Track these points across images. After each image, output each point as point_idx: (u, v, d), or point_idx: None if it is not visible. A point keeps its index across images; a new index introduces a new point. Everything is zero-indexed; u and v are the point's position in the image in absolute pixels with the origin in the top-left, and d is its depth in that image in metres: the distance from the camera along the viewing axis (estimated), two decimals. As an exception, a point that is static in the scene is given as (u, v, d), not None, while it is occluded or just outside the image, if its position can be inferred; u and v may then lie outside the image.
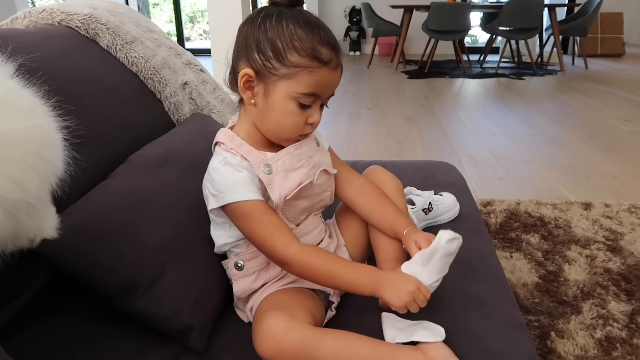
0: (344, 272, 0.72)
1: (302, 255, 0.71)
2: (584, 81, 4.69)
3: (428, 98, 4.05)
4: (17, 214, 0.44)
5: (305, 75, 0.70)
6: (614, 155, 2.53)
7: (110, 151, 0.87)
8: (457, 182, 1.28)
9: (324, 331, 0.68)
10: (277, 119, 0.74)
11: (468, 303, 0.79)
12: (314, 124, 0.75)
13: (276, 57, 0.70)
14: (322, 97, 0.74)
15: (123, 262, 0.69)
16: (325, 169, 0.81)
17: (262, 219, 0.72)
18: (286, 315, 0.67)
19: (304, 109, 0.73)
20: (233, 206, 0.72)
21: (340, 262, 0.74)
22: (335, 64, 0.73)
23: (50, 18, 1.01)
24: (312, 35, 0.70)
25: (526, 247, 1.57)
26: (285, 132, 0.76)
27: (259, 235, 0.73)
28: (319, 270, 0.72)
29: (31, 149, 0.44)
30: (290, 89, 0.71)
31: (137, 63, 1.06)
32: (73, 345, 0.70)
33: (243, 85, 0.74)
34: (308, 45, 0.70)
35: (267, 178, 0.74)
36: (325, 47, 0.71)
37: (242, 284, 0.79)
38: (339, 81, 0.75)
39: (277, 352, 0.64)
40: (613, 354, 1.10)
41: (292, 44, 0.70)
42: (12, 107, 0.45)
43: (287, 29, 0.70)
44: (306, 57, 0.70)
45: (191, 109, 1.18)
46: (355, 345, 0.67)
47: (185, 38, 7.44)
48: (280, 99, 0.72)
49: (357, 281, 0.72)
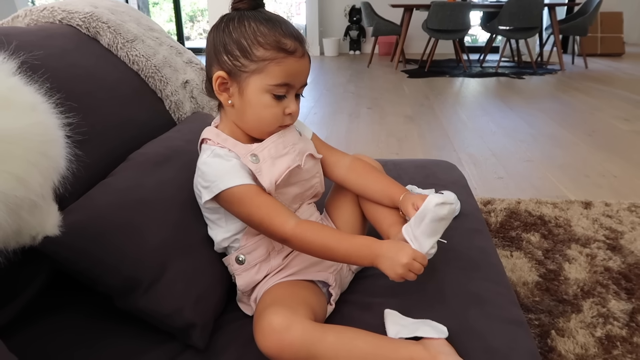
0: (341, 245, 0.73)
1: (300, 230, 0.73)
2: (583, 80, 4.69)
3: (428, 97, 4.05)
4: (19, 211, 0.44)
5: (273, 66, 0.74)
6: (614, 155, 2.53)
7: (111, 149, 0.87)
8: (458, 180, 1.28)
9: (325, 327, 0.69)
10: (254, 114, 0.77)
11: (469, 301, 0.79)
12: (292, 114, 0.78)
13: (244, 55, 0.74)
14: (295, 87, 0.77)
15: (124, 260, 0.69)
16: (311, 154, 0.84)
17: (257, 200, 0.74)
18: (287, 311, 0.67)
19: (279, 100, 0.76)
20: (226, 193, 0.74)
21: (336, 235, 0.76)
22: (301, 53, 0.76)
23: (52, 16, 1.01)
24: (274, 29, 0.74)
25: (526, 245, 1.57)
26: (265, 125, 0.78)
27: (256, 217, 0.74)
28: (317, 244, 0.73)
29: (33, 146, 0.44)
30: (262, 82, 0.75)
31: (138, 62, 1.07)
32: (74, 343, 0.70)
33: (218, 87, 0.78)
34: (271, 38, 0.74)
35: (256, 167, 0.76)
36: (288, 38, 0.74)
37: (244, 277, 0.79)
38: (309, 70, 0.79)
39: (279, 347, 0.65)
40: (613, 352, 1.10)
41: (256, 40, 0.74)
42: (14, 104, 0.45)
43: (249, 28, 0.75)
44: (271, 49, 0.74)
45: (192, 107, 1.18)
46: (356, 341, 0.67)
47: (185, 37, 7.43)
48: (255, 93, 0.76)
49: (354, 253, 0.73)
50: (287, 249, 0.81)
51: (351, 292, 0.86)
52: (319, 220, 0.89)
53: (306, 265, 0.80)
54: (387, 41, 6.66)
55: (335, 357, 0.65)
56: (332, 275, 0.82)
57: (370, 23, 5.62)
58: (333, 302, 0.81)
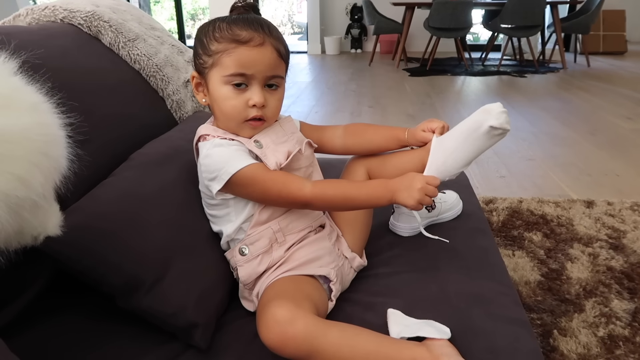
0: (360, 192, 0.76)
1: (318, 190, 0.75)
2: (586, 79, 4.67)
3: (430, 96, 4.05)
4: (20, 211, 0.44)
5: (225, 57, 0.76)
6: (617, 153, 2.53)
7: (113, 149, 0.87)
8: (460, 179, 1.27)
9: (329, 322, 0.69)
10: (219, 107, 0.79)
11: (472, 301, 0.79)
12: (256, 104, 0.78)
13: (204, 52, 0.78)
14: (255, 76, 0.77)
15: (127, 259, 0.69)
16: (309, 142, 0.87)
17: (269, 175, 0.76)
18: (291, 304, 0.67)
19: (240, 91, 0.77)
20: (237, 176, 0.75)
21: (352, 184, 0.80)
22: (258, 42, 0.76)
23: (53, 15, 1.01)
24: (234, 24, 0.77)
25: (528, 245, 1.57)
26: (231, 119, 0.79)
27: (273, 191, 0.76)
28: (337, 197, 0.76)
29: (35, 146, 0.44)
30: (218, 75, 0.77)
31: (139, 61, 1.06)
32: (76, 343, 0.70)
33: (195, 88, 0.83)
34: (226, 32, 0.76)
35: (260, 151, 0.78)
36: (245, 30, 0.76)
37: (247, 269, 0.79)
38: (272, 60, 0.78)
39: (282, 340, 0.65)
40: (616, 352, 1.10)
41: (213, 35, 0.77)
42: (15, 103, 0.45)
43: (211, 25, 0.79)
44: (224, 42, 0.76)
45: (193, 107, 1.18)
46: (359, 338, 0.67)
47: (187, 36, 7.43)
48: (215, 87, 0.78)
49: (373, 195, 0.76)
50: (289, 241, 0.81)
51: (353, 291, 0.86)
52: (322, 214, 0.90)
53: (307, 260, 0.80)
54: (388, 39, 6.65)
55: (338, 352, 0.65)
56: (333, 270, 0.82)
57: (371, 21, 5.61)
58: (334, 298, 0.81)
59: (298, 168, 0.84)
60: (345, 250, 0.88)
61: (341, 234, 0.90)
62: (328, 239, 0.85)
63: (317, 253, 0.81)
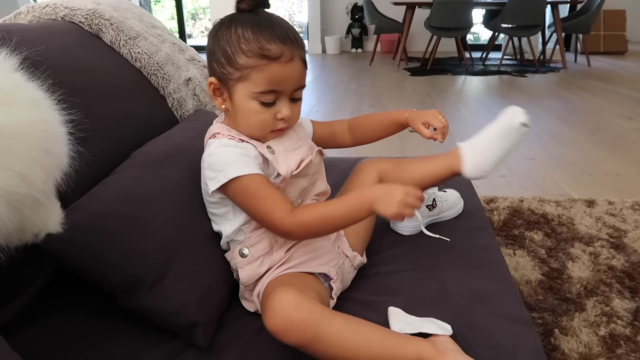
0: (338, 210, 0.73)
1: (296, 219, 0.73)
2: (586, 79, 4.67)
3: (430, 95, 4.04)
4: (21, 208, 0.44)
5: (256, 74, 0.74)
6: (617, 153, 2.52)
7: (114, 147, 0.86)
8: (461, 178, 1.27)
9: (333, 311, 0.69)
10: (244, 119, 0.78)
11: (473, 299, 0.79)
12: (284, 118, 0.77)
13: (229, 63, 0.75)
14: (285, 92, 0.76)
15: (128, 258, 0.69)
16: (320, 150, 0.86)
17: (262, 191, 0.74)
18: (296, 290, 0.67)
19: (268, 106, 0.76)
20: (233, 182, 0.74)
21: (328, 204, 0.76)
22: (288, 58, 0.74)
23: (54, 13, 1.01)
24: (259, 34, 0.73)
25: (529, 244, 1.56)
26: (255, 130, 0.79)
27: (259, 211, 0.74)
28: (317, 221, 0.73)
29: (36, 143, 0.44)
30: (247, 90, 0.75)
31: (140, 59, 1.06)
32: (76, 342, 0.70)
33: (213, 93, 0.80)
34: (254, 45, 0.73)
35: (272, 157, 0.78)
36: (273, 43, 0.73)
37: (247, 270, 0.79)
38: (301, 73, 0.77)
39: (286, 325, 0.64)
40: (617, 351, 1.10)
41: (239, 47, 0.74)
42: (16, 100, 0.44)
43: (234, 34, 0.75)
44: (253, 57, 0.73)
45: (194, 105, 1.18)
46: (364, 329, 0.67)
47: (187, 35, 7.43)
48: (242, 100, 0.76)
49: (352, 211, 0.73)
50: (290, 242, 0.80)
51: (354, 289, 0.85)
52: None
53: (308, 258, 0.80)
54: (389, 39, 6.64)
55: (341, 341, 0.65)
56: (333, 269, 0.82)
57: (372, 21, 5.60)
58: (334, 295, 0.81)
59: (305, 175, 0.83)
60: (347, 249, 0.88)
61: (343, 232, 0.90)
62: (328, 237, 0.85)
63: (317, 252, 0.81)
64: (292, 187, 0.81)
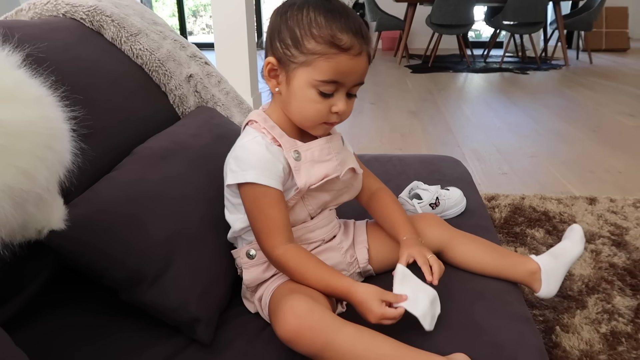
0: (320, 280, 0.72)
1: (287, 257, 0.73)
2: (588, 76, 4.66)
3: (432, 92, 4.04)
4: (25, 204, 0.44)
5: (322, 62, 0.71)
6: (619, 150, 2.52)
7: (116, 144, 0.86)
8: (463, 176, 1.27)
9: (345, 320, 0.67)
10: (298, 107, 0.75)
11: (476, 297, 0.79)
12: (339, 112, 0.75)
13: (294, 45, 0.72)
14: (346, 85, 0.74)
15: (129, 254, 0.69)
16: (352, 168, 0.82)
17: (268, 210, 0.73)
18: (308, 297, 0.67)
19: (326, 97, 0.74)
20: (249, 186, 0.73)
21: (316, 272, 0.73)
22: (357, 51, 0.72)
23: (55, 10, 1.01)
24: (332, 22, 0.71)
25: (531, 241, 1.56)
26: (307, 119, 0.76)
27: (258, 226, 0.75)
28: (297, 275, 0.73)
29: (39, 140, 0.44)
30: (309, 76, 0.72)
31: (142, 55, 1.06)
32: (79, 337, 0.70)
33: (268, 73, 0.76)
34: (326, 32, 0.70)
35: (295, 164, 0.75)
36: (346, 33, 0.71)
37: (252, 272, 0.79)
38: (365, 69, 0.75)
39: (298, 331, 0.64)
40: (618, 348, 1.10)
41: (309, 31, 0.71)
42: (19, 97, 0.44)
43: (306, 17, 0.72)
44: (323, 43, 0.70)
45: (196, 101, 1.17)
46: (376, 339, 0.65)
47: (188, 32, 7.42)
48: (300, 86, 0.73)
49: (331, 290, 0.72)
50: None
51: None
52: (339, 224, 0.87)
53: None
54: (390, 36, 6.63)
55: (352, 350, 0.63)
56: None
57: (373, 18, 5.59)
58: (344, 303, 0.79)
59: (331, 190, 0.81)
60: (363, 261, 0.86)
61: (366, 244, 0.87)
62: (338, 249, 0.84)
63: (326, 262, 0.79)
64: (313, 200, 0.80)
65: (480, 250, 0.86)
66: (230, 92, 1.30)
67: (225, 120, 1.14)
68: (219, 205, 0.83)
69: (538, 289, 0.85)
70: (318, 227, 0.82)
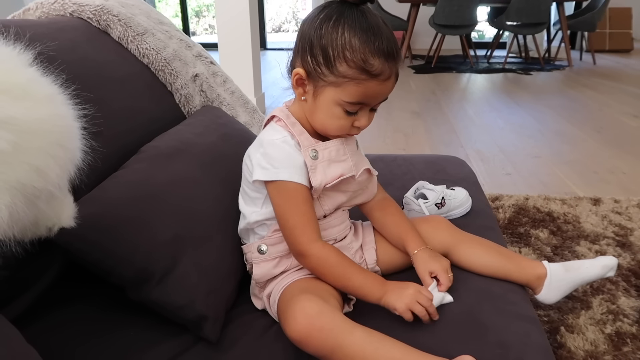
0: (357, 276, 0.74)
1: (324, 251, 0.74)
2: (592, 77, 4.65)
3: (435, 93, 4.04)
4: (37, 201, 0.44)
5: (352, 86, 0.72)
6: (623, 151, 2.52)
7: (123, 142, 0.87)
8: (468, 177, 1.27)
9: (355, 323, 0.67)
10: (322, 119, 0.76)
11: (482, 297, 0.79)
12: (360, 127, 0.77)
13: (326, 65, 0.72)
14: (370, 104, 0.76)
15: (136, 252, 0.70)
16: (368, 169, 0.83)
17: (302, 206, 0.75)
18: (319, 298, 0.68)
19: (350, 115, 0.75)
20: (281, 183, 0.74)
21: (354, 266, 0.76)
22: (387, 76, 0.73)
23: (62, 9, 1.01)
24: (366, 45, 0.70)
25: (535, 242, 1.56)
26: (330, 132, 0.78)
27: (290, 222, 0.75)
28: (334, 268, 0.74)
29: (52, 138, 0.44)
30: (337, 96, 0.73)
31: (148, 55, 1.06)
32: (87, 334, 0.71)
33: (295, 82, 0.76)
34: (359, 56, 0.70)
35: (312, 163, 0.76)
36: (378, 58, 0.71)
37: (262, 268, 0.79)
38: (391, 89, 0.76)
39: (308, 331, 0.64)
40: (623, 349, 1.10)
41: (343, 53, 0.71)
42: (32, 94, 0.45)
43: (341, 37, 0.71)
44: (355, 68, 0.71)
45: (202, 101, 1.18)
46: (385, 342, 0.65)
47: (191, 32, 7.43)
48: (327, 103, 0.74)
49: (366, 286, 0.74)
50: None
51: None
52: (350, 225, 0.88)
53: None
54: (393, 36, 6.62)
55: (362, 351, 0.64)
56: None
57: (376, 18, 5.58)
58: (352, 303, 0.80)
59: (345, 191, 0.82)
60: (371, 262, 0.86)
61: (374, 245, 0.87)
62: (348, 249, 0.84)
63: None
64: (328, 200, 0.80)
65: (488, 254, 0.86)
66: (235, 92, 1.31)
67: (231, 120, 1.14)
68: (225, 203, 0.83)
69: (538, 292, 0.85)
70: (331, 226, 0.82)
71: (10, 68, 0.45)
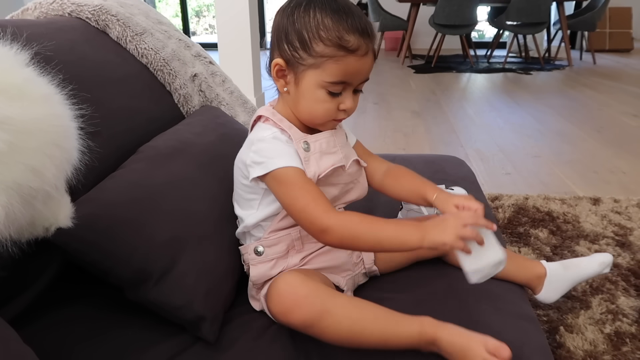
0: (388, 225, 0.71)
1: (344, 217, 0.71)
2: (592, 76, 4.65)
3: (435, 92, 4.04)
4: (33, 202, 0.44)
5: (331, 64, 0.72)
6: (623, 151, 2.51)
7: (121, 142, 0.87)
8: (467, 176, 1.27)
9: (336, 291, 0.71)
10: (307, 106, 0.76)
11: (481, 297, 0.79)
12: (346, 110, 0.77)
13: (303, 48, 0.72)
14: (353, 84, 0.75)
15: (134, 252, 0.70)
16: (357, 159, 0.83)
17: (307, 185, 0.73)
18: (302, 273, 0.70)
19: (334, 96, 0.75)
20: (280, 172, 0.73)
21: (380, 219, 0.72)
22: (364, 51, 0.73)
23: (61, 9, 1.01)
24: (339, 23, 0.71)
25: (534, 241, 1.56)
26: (317, 118, 0.78)
27: (301, 202, 0.71)
28: (362, 228, 0.70)
29: (49, 138, 0.44)
30: (318, 78, 0.73)
31: (147, 55, 1.06)
32: (85, 334, 0.71)
33: (276, 74, 0.77)
34: (334, 34, 0.71)
35: (305, 155, 0.76)
36: (353, 34, 0.71)
37: (259, 269, 0.79)
38: (371, 67, 0.76)
39: (294, 299, 0.66)
40: (622, 349, 1.10)
41: (317, 34, 0.71)
42: (28, 94, 0.45)
43: (313, 19, 0.72)
44: (332, 46, 0.71)
45: (200, 101, 1.18)
46: (367, 304, 0.69)
47: (191, 32, 7.43)
48: (309, 87, 0.74)
49: (402, 232, 0.69)
50: (307, 249, 0.80)
51: (361, 286, 0.86)
52: None
53: (321, 267, 0.80)
54: (393, 36, 6.63)
55: (348, 314, 0.67)
56: (343, 279, 0.82)
57: (376, 18, 5.59)
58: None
59: (336, 183, 0.81)
60: (369, 262, 0.86)
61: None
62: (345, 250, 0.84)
63: (331, 262, 0.81)
64: None
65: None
66: (234, 92, 1.30)
67: (230, 120, 1.14)
68: (224, 204, 0.83)
69: (538, 292, 0.86)
70: None
71: (6, 68, 0.45)
